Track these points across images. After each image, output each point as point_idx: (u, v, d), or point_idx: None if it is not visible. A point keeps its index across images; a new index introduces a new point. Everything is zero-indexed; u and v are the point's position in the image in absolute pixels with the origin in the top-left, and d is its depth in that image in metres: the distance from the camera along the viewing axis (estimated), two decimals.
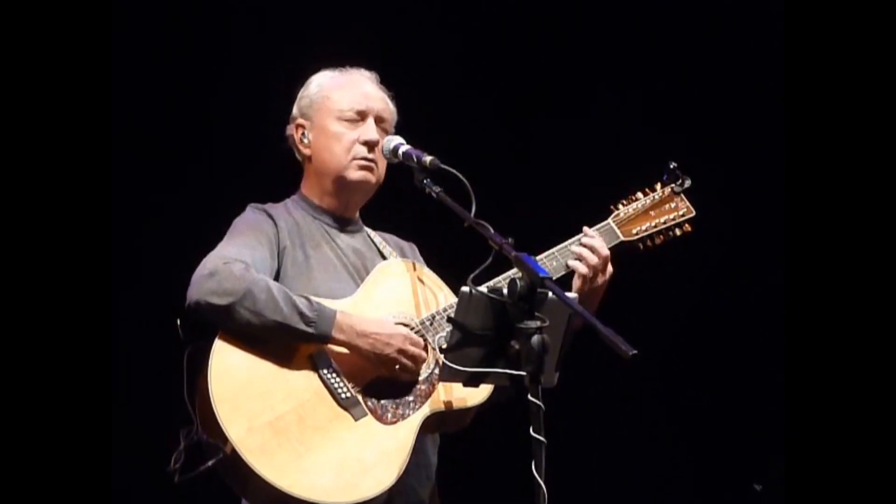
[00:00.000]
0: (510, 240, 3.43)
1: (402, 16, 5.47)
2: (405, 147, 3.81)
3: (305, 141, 3.93)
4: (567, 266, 3.85)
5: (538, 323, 3.22)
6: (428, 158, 3.72)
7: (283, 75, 4.13)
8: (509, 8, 5.64)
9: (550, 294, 3.26)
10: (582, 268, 3.82)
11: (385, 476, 3.61)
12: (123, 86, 4.54)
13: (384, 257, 3.94)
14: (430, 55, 5.50)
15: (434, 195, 3.67)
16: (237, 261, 3.64)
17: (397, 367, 3.67)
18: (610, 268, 3.86)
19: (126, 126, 4.86)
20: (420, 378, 3.72)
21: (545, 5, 5.64)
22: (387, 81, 3.99)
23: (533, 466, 3.18)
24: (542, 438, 3.18)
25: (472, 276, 3.36)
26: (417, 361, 3.68)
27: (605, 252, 3.86)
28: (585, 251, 3.85)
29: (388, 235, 4.05)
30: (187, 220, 5.10)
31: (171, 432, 3.65)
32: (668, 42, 5.66)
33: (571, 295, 3.35)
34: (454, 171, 3.66)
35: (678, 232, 4.00)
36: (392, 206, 4.00)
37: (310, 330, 3.61)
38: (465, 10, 5.60)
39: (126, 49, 4.82)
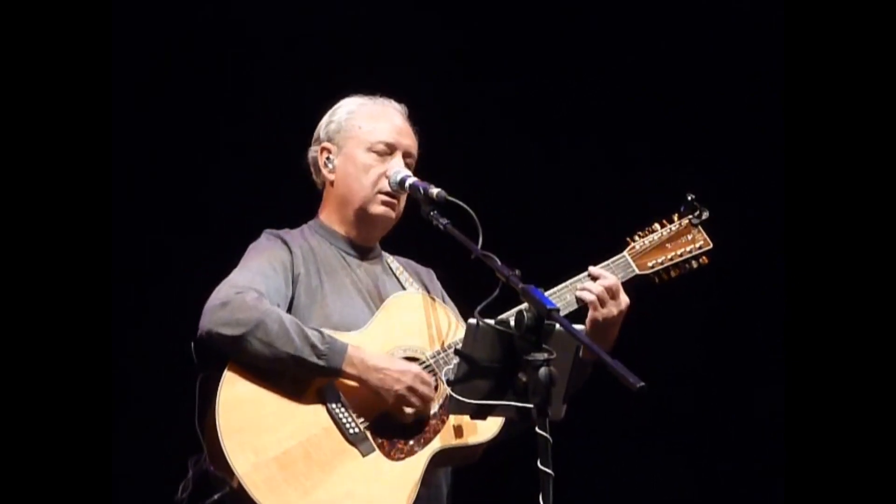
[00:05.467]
0: (517, 272, 3.42)
1: (413, 45, 5.46)
2: (412, 179, 3.81)
3: (330, 165, 3.91)
4: (577, 299, 3.82)
5: (545, 355, 3.21)
6: (435, 190, 3.72)
7: (305, 97, 4.14)
8: (517, 36, 5.64)
9: (558, 326, 3.25)
10: (588, 295, 3.79)
11: None
12: (125, 94, 4.56)
13: (400, 282, 3.93)
14: (441, 81, 5.49)
15: (441, 227, 3.67)
16: (250, 289, 3.63)
17: (405, 405, 3.66)
18: (625, 298, 3.81)
19: (131, 146, 4.87)
20: (430, 413, 3.70)
21: (554, 35, 5.65)
22: (414, 120, 3.99)
23: (541, 499, 3.17)
24: (549, 471, 3.17)
25: (479, 308, 3.35)
26: (426, 401, 3.67)
27: (612, 280, 3.82)
28: (589, 281, 3.82)
29: (405, 261, 4.04)
30: (198, 242, 5.10)
31: (176, 457, 3.66)
32: (676, 72, 5.67)
33: (579, 327, 3.35)
34: (461, 202, 3.67)
35: (694, 264, 3.98)
36: (412, 236, 3.99)
37: (321, 363, 3.60)
38: (474, 38, 5.60)
39: (130, 66, 4.84)
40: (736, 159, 5.64)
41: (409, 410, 3.67)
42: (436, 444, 3.68)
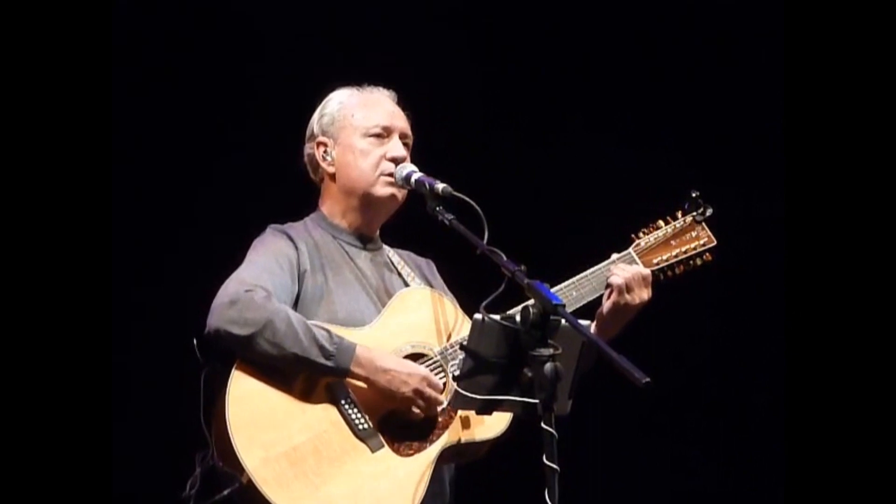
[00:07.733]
0: (523, 267, 3.42)
1: (420, 41, 5.47)
2: (418, 174, 3.80)
3: (329, 158, 3.91)
4: (606, 284, 3.84)
5: (551, 350, 3.21)
6: (440, 186, 3.72)
7: (305, 97, 4.11)
8: (524, 35, 5.65)
9: (564, 322, 3.25)
10: (617, 279, 3.80)
11: None
12: (125, 93, 4.55)
13: (402, 277, 3.93)
14: (446, 77, 5.50)
15: (447, 223, 3.66)
16: (259, 287, 3.62)
17: (413, 406, 3.66)
18: (649, 291, 3.84)
19: (131, 146, 4.86)
20: (438, 409, 3.69)
21: (560, 33, 5.66)
22: (404, 104, 3.99)
23: (546, 495, 3.17)
24: (555, 466, 3.17)
25: (484, 303, 3.35)
26: (432, 404, 3.66)
27: (645, 270, 3.85)
28: (617, 267, 3.85)
29: (405, 253, 4.03)
30: (198, 242, 5.10)
31: (181, 453, 3.66)
32: (677, 72, 5.68)
33: (585, 322, 3.35)
34: (467, 198, 3.66)
35: (699, 261, 3.99)
36: (416, 230, 3.98)
37: (329, 364, 3.60)
38: (483, 35, 5.60)
39: (130, 66, 4.84)
40: (736, 158, 5.65)
41: (416, 411, 3.66)
42: (444, 440, 3.68)
